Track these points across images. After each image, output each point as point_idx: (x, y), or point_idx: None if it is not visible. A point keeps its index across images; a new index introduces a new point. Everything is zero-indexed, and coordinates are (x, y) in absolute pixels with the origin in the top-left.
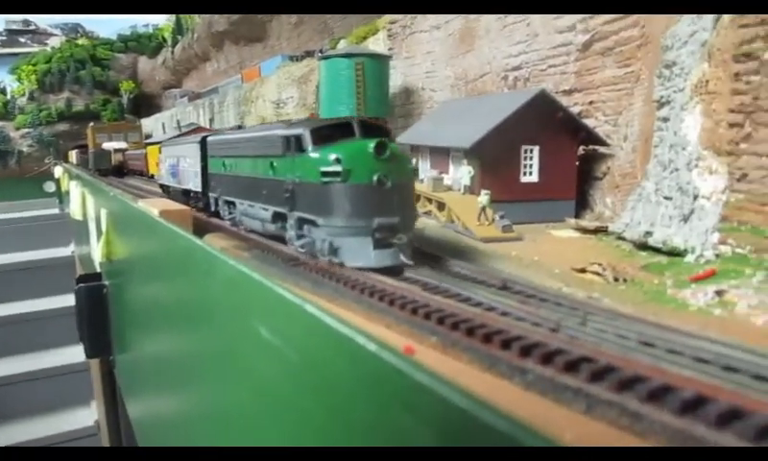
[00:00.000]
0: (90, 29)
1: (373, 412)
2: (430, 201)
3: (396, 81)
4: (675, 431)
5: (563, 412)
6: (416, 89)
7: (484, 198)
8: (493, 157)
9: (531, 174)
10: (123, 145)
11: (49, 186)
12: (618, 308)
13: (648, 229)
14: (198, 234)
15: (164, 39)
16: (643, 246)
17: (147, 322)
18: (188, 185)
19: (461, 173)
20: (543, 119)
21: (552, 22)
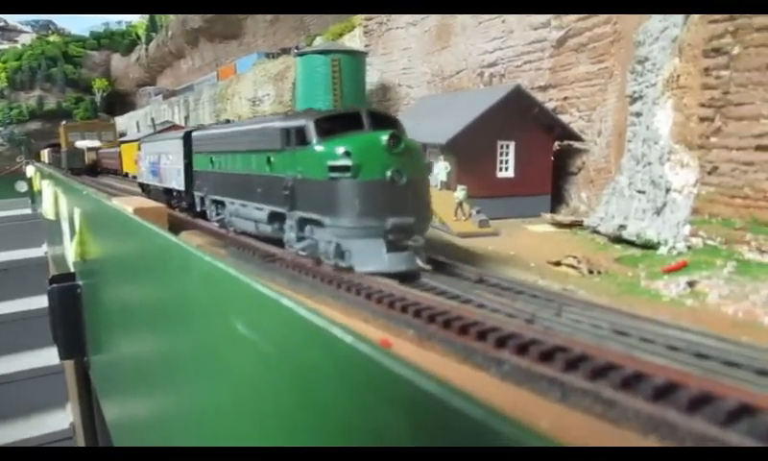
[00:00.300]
0: (62, 26)
1: (350, 403)
2: None
3: (373, 77)
4: (648, 417)
5: (538, 401)
6: (392, 86)
7: (460, 193)
8: (470, 152)
9: (507, 169)
10: (96, 144)
11: (21, 186)
12: (593, 300)
13: (622, 222)
14: (173, 232)
15: (138, 37)
16: (617, 239)
17: (122, 321)
18: (170, 184)
19: (437, 169)
20: (519, 115)
21: (527, 19)
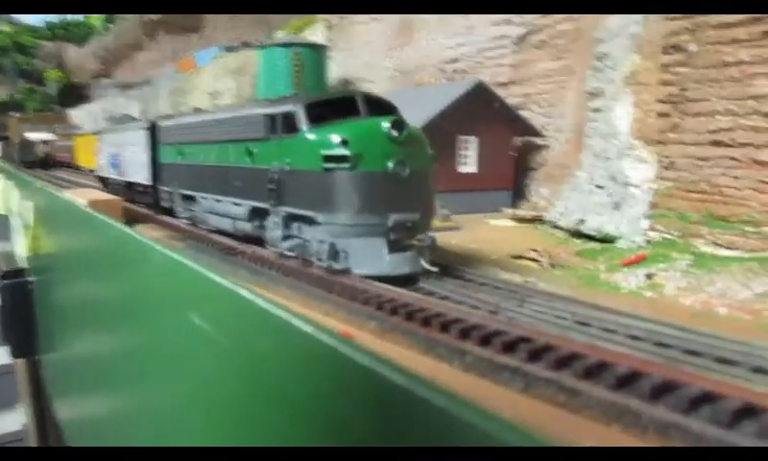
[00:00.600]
0: (15, 16)
1: (309, 395)
2: None
3: (335, 71)
4: (610, 404)
5: (500, 391)
6: (354, 80)
7: None
8: (432, 147)
9: (469, 164)
10: (49, 136)
11: None
12: (555, 291)
13: (582, 216)
14: (129, 225)
15: (93, 28)
16: (577, 233)
17: (76, 318)
18: (133, 178)
19: None
20: (481, 110)
21: (488, 15)
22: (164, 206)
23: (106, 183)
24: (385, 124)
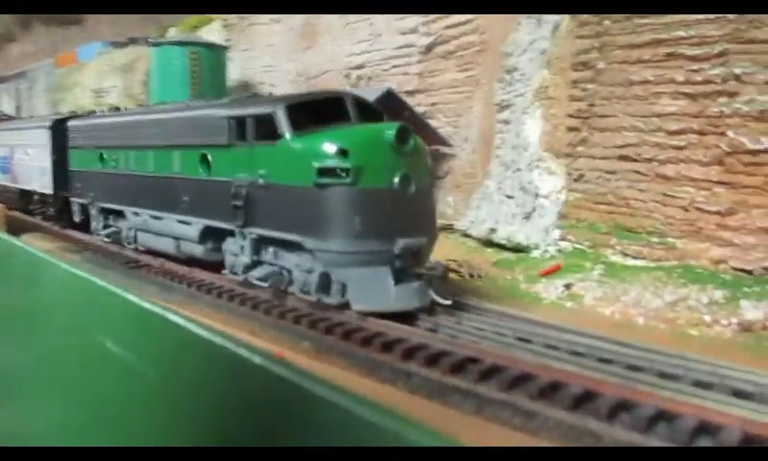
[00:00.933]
0: None
1: (240, 416)
2: None
3: (234, 73)
4: (569, 428)
5: (451, 414)
6: (254, 83)
7: None
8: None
9: None
10: None
11: None
12: (484, 305)
13: (492, 226)
14: (13, 235)
15: None
16: (489, 243)
17: None
18: (29, 185)
19: None
20: (391, 118)
21: (395, 23)
22: (74, 220)
23: None
24: (389, 132)
